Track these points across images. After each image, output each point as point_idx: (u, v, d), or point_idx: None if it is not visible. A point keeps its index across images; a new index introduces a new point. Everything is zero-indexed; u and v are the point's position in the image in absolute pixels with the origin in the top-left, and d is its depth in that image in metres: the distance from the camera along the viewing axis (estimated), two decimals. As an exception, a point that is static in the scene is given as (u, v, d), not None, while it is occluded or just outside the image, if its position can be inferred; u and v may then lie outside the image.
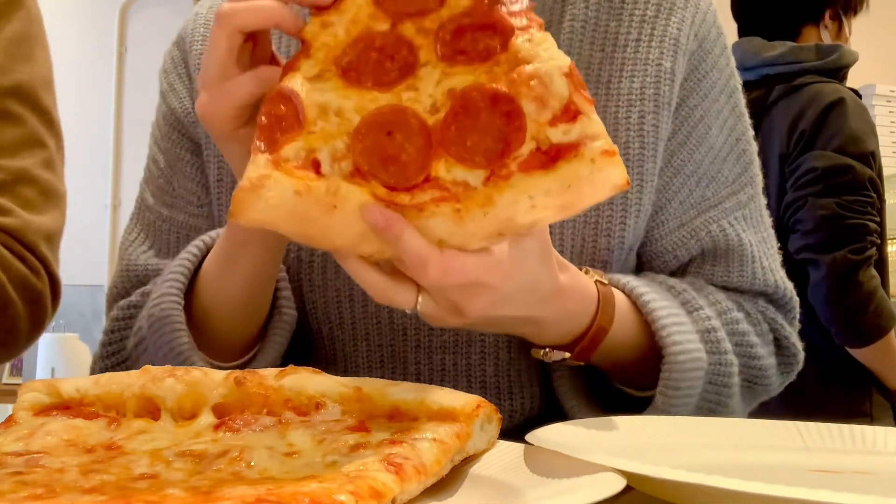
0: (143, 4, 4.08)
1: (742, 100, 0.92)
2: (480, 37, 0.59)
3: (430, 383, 0.81)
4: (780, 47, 2.06)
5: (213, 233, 0.83)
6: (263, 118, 0.57)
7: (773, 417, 0.71)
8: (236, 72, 0.63)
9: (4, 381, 3.37)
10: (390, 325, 0.83)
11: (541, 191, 0.55)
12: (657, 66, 0.84)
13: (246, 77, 0.63)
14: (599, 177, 0.55)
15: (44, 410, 0.58)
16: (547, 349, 0.76)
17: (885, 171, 2.06)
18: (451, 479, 0.52)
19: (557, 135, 0.56)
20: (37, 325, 1.03)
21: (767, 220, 0.93)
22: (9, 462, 0.50)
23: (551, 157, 0.55)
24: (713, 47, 0.88)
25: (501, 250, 0.59)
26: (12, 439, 0.54)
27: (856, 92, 2.05)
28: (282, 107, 0.58)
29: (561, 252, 0.77)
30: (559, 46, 0.84)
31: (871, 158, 1.94)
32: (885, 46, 3.87)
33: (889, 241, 2.05)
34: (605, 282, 0.77)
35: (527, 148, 0.56)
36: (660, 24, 0.85)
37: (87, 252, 3.75)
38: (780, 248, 0.94)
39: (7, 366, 3.40)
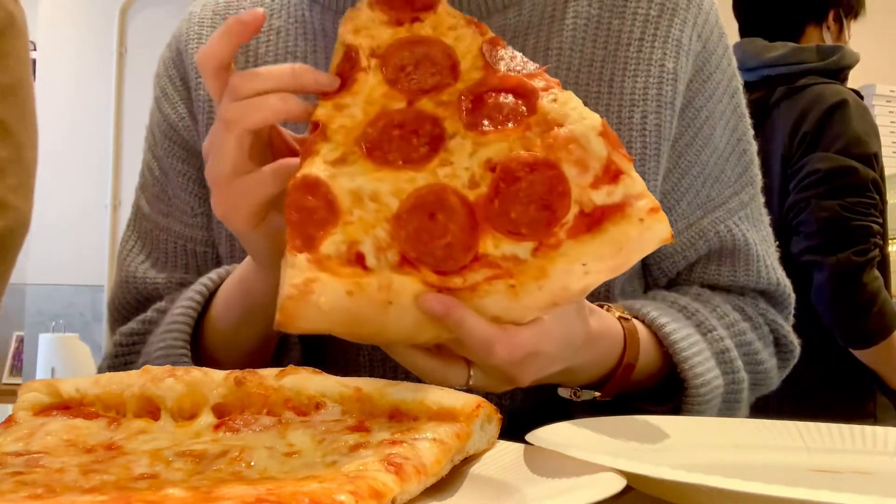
0: (143, 4, 4.08)
1: (743, 100, 0.93)
2: (504, 102, 0.58)
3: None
4: (781, 48, 2.05)
5: (213, 275, 0.81)
6: (293, 213, 0.55)
7: (775, 418, 0.71)
8: (250, 166, 0.61)
9: (4, 381, 3.37)
10: None
11: (593, 256, 0.54)
12: (660, 66, 0.84)
13: (263, 175, 0.61)
14: (648, 235, 0.55)
15: (44, 410, 0.58)
16: (576, 389, 0.76)
17: (886, 172, 2.06)
18: (451, 479, 0.52)
19: (601, 197, 0.55)
20: None
21: (766, 219, 0.94)
22: (9, 462, 0.50)
23: (596, 219, 0.55)
24: (716, 48, 0.89)
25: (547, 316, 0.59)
26: (12, 439, 0.54)
27: (857, 93, 2.05)
28: (310, 198, 0.55)
29: None
30: (562, 43, 0.84)
31: (873, 160, 1.94)
32: (885, 46, 3.87)
33: (891, 242, 2.05)
34: (627, 316, 0.77)
35: (571, 213, 0.55)
36: (663, 24, 0.85)
37: (87, 252, 3.75)
38: (778, 248, 0.96)
39: (7, 366, 3.40)
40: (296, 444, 0.51)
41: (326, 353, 0.87)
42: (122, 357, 0.87)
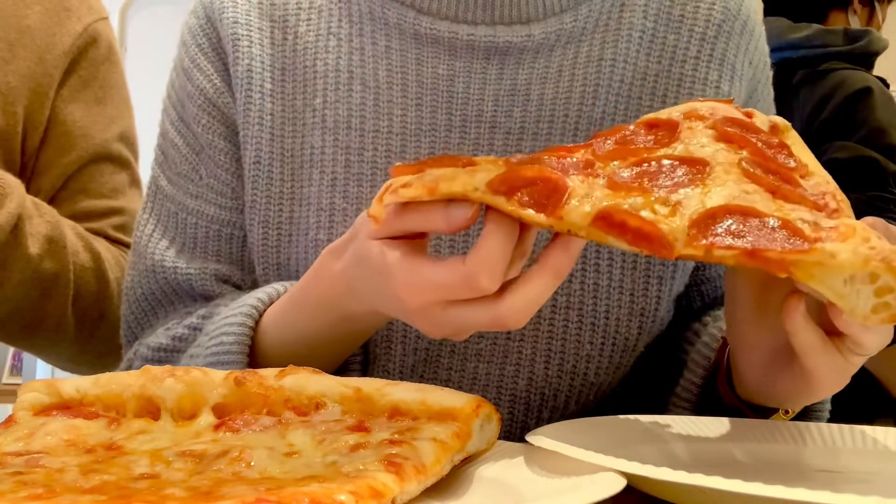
0: (143, 4, 4.08)
1: None
2: (647, 140, 0.60)
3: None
4: (806, 29, 1.95)
5: (262, 296, 0.75)
6: (754, 252, 0.51)
7: (774, 417, 0.71)
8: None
9: (4, 381, 3.37)
10: None
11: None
12: (716, 87, 0.83)
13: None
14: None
15: (44, 410, 0.58)
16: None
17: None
18: (452, 479, 0.52)
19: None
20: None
21: None
22: (9, 462, 0.50)
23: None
24: (762, 76, 0.89)
25: None
26: (12, 439, 0.54)
27: (883, 81, 1.94)
28: (732, 220, 0.53)
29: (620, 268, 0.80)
30: (616, 54, 0.84)
31: None
32: (888, 46, 3.86)
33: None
34: None
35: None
36: (719, 46, 0.84)
37: (87, 252, 3.75)
38: None
39: (7, 366, 3.40)
40: (296, 444, 0.52)
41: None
42: None
